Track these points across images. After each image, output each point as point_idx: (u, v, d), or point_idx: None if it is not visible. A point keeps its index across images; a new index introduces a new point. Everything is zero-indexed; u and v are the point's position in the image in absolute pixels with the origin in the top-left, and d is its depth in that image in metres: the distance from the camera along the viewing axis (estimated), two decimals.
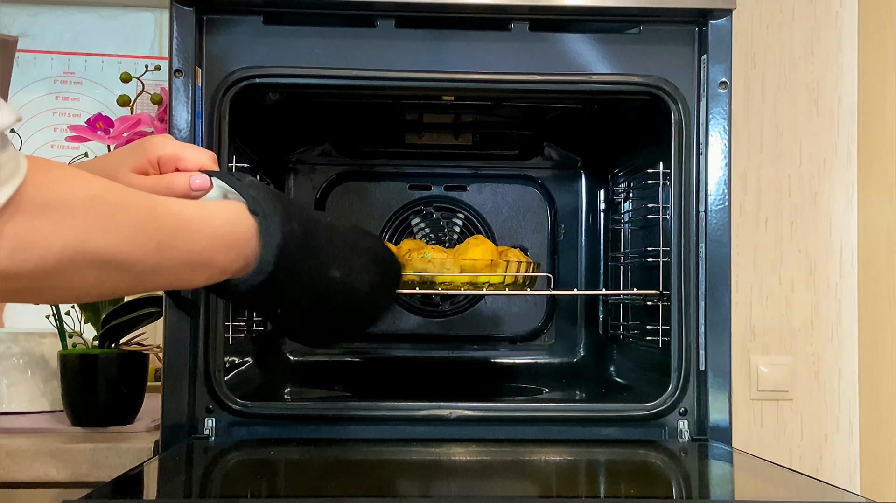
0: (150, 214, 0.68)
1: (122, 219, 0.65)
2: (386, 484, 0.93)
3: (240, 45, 1.08)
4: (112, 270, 0.65)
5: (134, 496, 0.84)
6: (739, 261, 1.58)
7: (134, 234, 0.66)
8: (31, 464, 1.13)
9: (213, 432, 1.07)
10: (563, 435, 1.11)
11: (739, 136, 1.59)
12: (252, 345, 1.36)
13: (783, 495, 0.90)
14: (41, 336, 1.40)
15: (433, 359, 1.51)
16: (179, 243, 0.70)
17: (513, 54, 1.11)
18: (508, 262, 1.31)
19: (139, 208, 0.67)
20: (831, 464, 1.59)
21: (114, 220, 0.64)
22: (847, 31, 1.61)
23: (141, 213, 0.67)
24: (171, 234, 0.69)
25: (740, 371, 1.58)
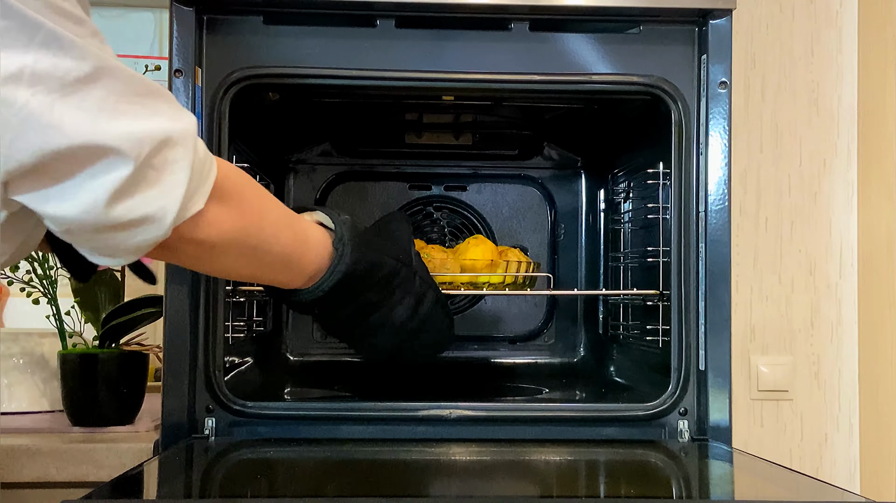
0: (289, 225, 0.88)
1: (272, 220, 0.85)
2: (386, 484, 0.93)
3: (240, 45, 1.08)
4: (252, 258, 0.84)
5: (134, 496, 0.84)
6: (739, 261, 1.58)
7: (276, 236, 0.85)
8: (31, 464, 1.13)
9: (213, 432, 1.07)
10: (563, 435, 1.11)
11: (739, 136, 1.59)
12: (252, 345, 1.36)
13: (783, 495, 0.90)
14: (41, 336, 1.40)
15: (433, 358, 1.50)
16: (300, 253, 0.90)
17: (513, 54, 1.11)
18: (508, 262, 1.30)
19: (282, 216, 0.87)
20: (831, 464, 1.59)
21: (267, 219, 0.84)
22: (847, 31, 1.61)
23: (283, 221, 0.87)
24: (298, 243, 0.89)
25: (740, 371, 1.58)
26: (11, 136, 0.64)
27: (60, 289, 1.33)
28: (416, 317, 1.01)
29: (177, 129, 0.71)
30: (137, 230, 0.70)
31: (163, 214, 0.70)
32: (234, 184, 0.79)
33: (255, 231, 0.82)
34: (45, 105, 0.64)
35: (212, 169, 0.75)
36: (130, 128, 0.67)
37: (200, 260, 0.81)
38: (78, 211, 0.67)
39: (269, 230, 0.85)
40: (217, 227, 0.77)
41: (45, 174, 0.66)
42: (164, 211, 0.70)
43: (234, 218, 0.79)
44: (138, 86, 0.70)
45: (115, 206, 0.68)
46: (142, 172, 0.68)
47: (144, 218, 0.70)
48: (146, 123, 0.68)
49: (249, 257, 0.84)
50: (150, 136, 0.68)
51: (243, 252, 0.82)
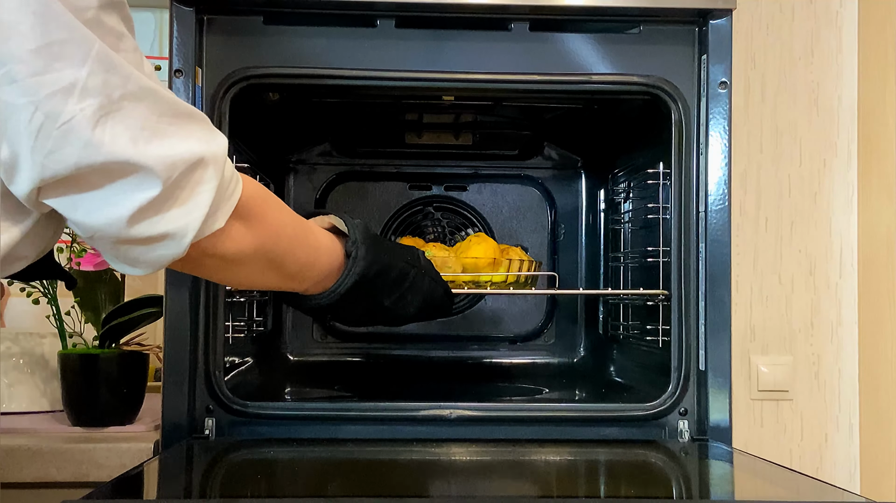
0: (305, 237, 0.93)
1: (290, 234, 0.89)
2: (386, 484, 0.93)
3: (240, 45, 1.08)
4: (272, 269, 0.89)
5: (134, 496, 0.84)
6: (739, 262, 1.58)
7: (293, 248, 0.90)
8: (31, 464, 1.13)
9: (213, 432, 1.06)
10: (563, 435, 1.11)
11: (739, 136, 1.59)
12: (252, 345, 1.36)
13: (783, 495, 0.90)
14: (41, 336, 1.40)
15: (433, 358, 1.51)
16: (316, 262, 0.95)
17: (513, 54, 1.11)
18: (511, 261, 1.29)
19: (300, 229, 0.92)
20: (831, 464, 1.59)
21: (286, 234, 0.88)
22: (847, 31, 1.61)
23: (301, 234, 0.92)
24: (314, 253, 0.94)
25: (740, 371, 1.58)
26: (51, 146, 0.65)
27: (60, 289, 1.33)
28: (423, 309, 1.08)
29: (209, 151, 0.73)
30: (157, 246, 0.73)
31: (183, 233, 0.73)
32: (257, 202, 0.83)
33: (272, 247, 0.86)
34: (89, 121, 0.66)
35: (237, 188, 0.78)
36: (166, 150, 0.70)
37: (220, 272, 0.85)
38: (102, 222, 0.70)
39: (287, 245, 0.89)
40: (238, 244, 0.81)
41: (78, 184, 0.68)
42: (184, 230, 0.73)
43: (254, 235, 0.83)
44: (176, 107, 0.72)
45: (138, 223, 0.70)
46: (169, 192, 0.70)
47: (164, 235, 0.72)
48: (181, 146, 0.71)
49: (267, 270, 0.88)
50: (183, 158, 0.71)
51: (262, 265, 0.87)
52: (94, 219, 0.69)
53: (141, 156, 0.68)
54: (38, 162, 0.66)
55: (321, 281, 0.97)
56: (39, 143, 0.65)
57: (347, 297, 0.98)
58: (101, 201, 0.69)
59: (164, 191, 0.70)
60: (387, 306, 1.04)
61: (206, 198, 0.73)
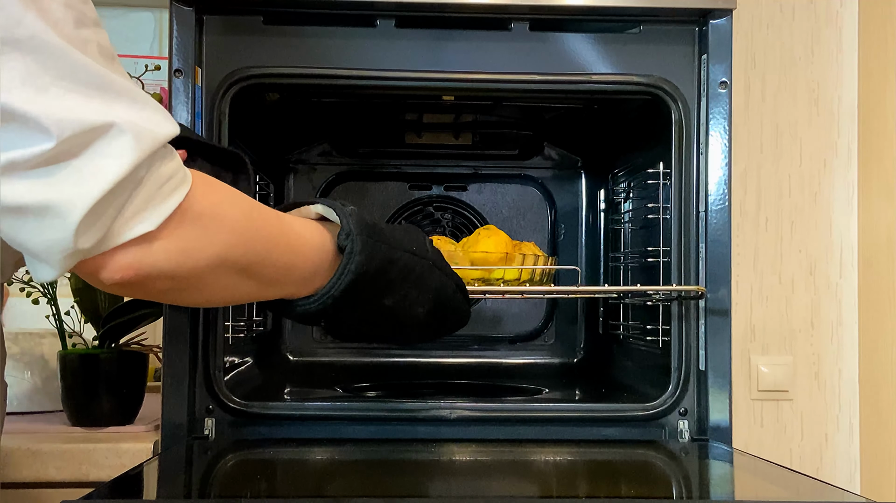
0: (282, 235, 0.78)
1: (263, 236, 0.75)
2: (386, 484, 0.93)
3: (240, 44, 1.08)
4: (245, 279, 0.74)
5: (134, 496, 0.84)
6: (739, 261, 1.58)
7: (269, 251, 0.75)
8: (31, 464, 1.13)
9: (213, 432, 1.06)
10: (563, 435, 1.11)
11: (739, 136, 1.59)
12: (252, 345, 1.36)
13: (783, 495, 0.90)
14: (41, 336, 1.40)
15: (433, 358, 1.51)
16: (299, 262, 0.80)
17: (513, 54, 1.10)
18: (525, 256, 1.19)
19: (274, 227, 0.77)
20: (831, 464, 1.59)
21: (256, 236, 0.74)
22: (847, 31, 1.61)
23: (275, 233, 0.77)
24: (294, 253, 0.79)
25: (740, 371, 1.58)
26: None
27: (60, 290, 1.33)
28: (435, 313, 0.91)
29: (129, 122, 0.61)
30: (35, 220, 0.59)
31: (69, 208, 0.59)
32: (212, 202, 0.69)
33: (241, 254, 0.72)
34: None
35: (179, 187, 0.66)
36: (57, 106, 0.58)
37: (185, 292, 0.72)
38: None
39: (259, 247, 0.74)
40: (194, 256, 0.68)
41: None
42: (71, 203, 0.59)
43: (213, 242, 0.69)
44: (93, 78, 0.61)
45: (9, 179, 0.58)
46: (57, 152, 0.58)
47: (44, 205, 0.59)
48: (82, 107, 0.59)
49: (239, 282, 0.74)
50: (82, 118, 0.59)
51: (230, 278, 0.73)
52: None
53: (17, 102, 0.57)
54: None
55: (308, 280, 0.82)
56: None
57: (343, 300, 0.82)
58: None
59: (52, 149, 0.58)
60: (389, 306, 0.87)
61: (110, 172, 0.59)
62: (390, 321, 0.89)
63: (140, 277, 0.65)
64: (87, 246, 0.61)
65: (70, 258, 0.62)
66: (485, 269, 1.14)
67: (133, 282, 0.65)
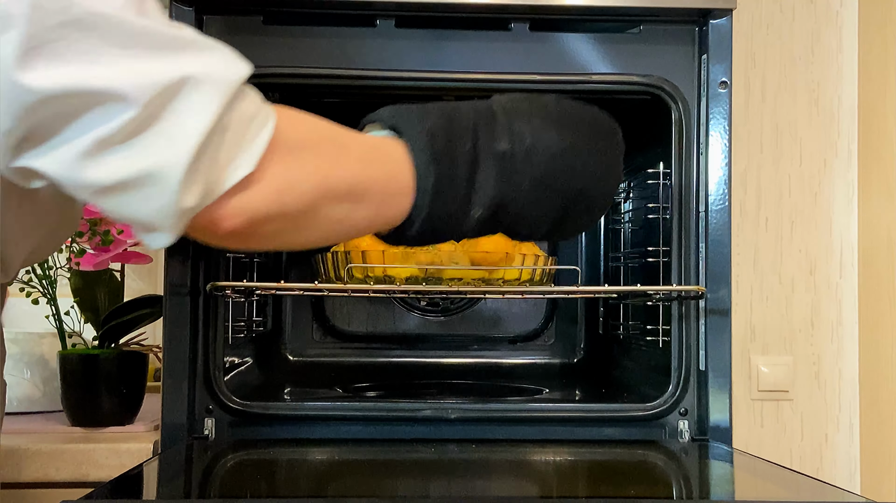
0: (373, 150, 0.74)
1: (354, 156, 0.71)
2: (386, 484, 0.93)
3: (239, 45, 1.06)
4: (352, 205, 0.70)
5: (134, 496, 0.84)
6: (739, 261, 1.58)
7: (365, 167, 0.71)
8: (31, 464, 1.13)
9: (213, 432, 1.06)
10: (563, 435, 1.11)
11: (739, 136, 1.59)
12: (252, 345, 1.36)
13: (783, 495, 0.90)
14: (41, 336, 1.40)
15: (433, 358, 1.51)
16: (395, 172, 0.74)
17: (513, 54, 1.10)
18: (525, 256, 1.17)
19: (362, 143, 0.74)
20: (831, 464, 1.59)
21: (349, 157, 0.71)
22: (847, 30, 1.61)
23: (365, 148, 0.73)
24: (386, 162, 0.74)
25: (740, 371, 1.58)
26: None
27: (60, 290, 1.33)
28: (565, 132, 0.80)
29: (202, 72, 0.60)
30: (139, 193, 0.59)
31: (168, 171, 0.59)
32: (299, 132, 0.68)
33: (339, 174, 0.69)
34: (13, 57, 0.55)
35: (266, 123, 0.64)
36: (132, 70, 0.58)
37: (298, 232, 0.69)
38: (57, 166, 0.58)
39: (356, 166, 0.71)
40: (297, 188, 0.66)
41: (34, 136, 0.59)
42: (169, 165, 0.59)
43: (310, 171, 0.67)
44: (155, 38, 0.60)
45: (100, 160, 0.58)
46: (141, 120, 0.58)
47: (144, 175, 0.59)
48: (154, 66, 0.59)
49: (349, 208, 0.71)
50: (156, 79, 0.58)
51: (338, 204, 0.70)
52: (49, 164, 0.58)
53: (92, 80, 0.57)
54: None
55: (404, 191, 0.74)
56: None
57: (436, 203, 0.75)
58: (59, 142, 0.58)
59: (136, 116, 0.57)
60: (516, 152, 0.77)
61: (197, 124, 0.59)
62: (497, 222, 0.80)
63: (250, 222, 0.64)
64: (193, 203, 0.61)
65: (181, 219, 0.62)
66: (485, 269, 1.14)
67: (245, 229, 0.64)
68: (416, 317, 1.51)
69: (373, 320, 1.49)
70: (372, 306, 1.48)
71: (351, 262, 1.12)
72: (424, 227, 0.76)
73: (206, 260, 1.08)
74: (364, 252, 1.13)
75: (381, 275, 1.12)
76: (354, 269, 1.12)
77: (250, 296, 1.30)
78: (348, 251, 1.14)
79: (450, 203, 0.76)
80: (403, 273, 1.12)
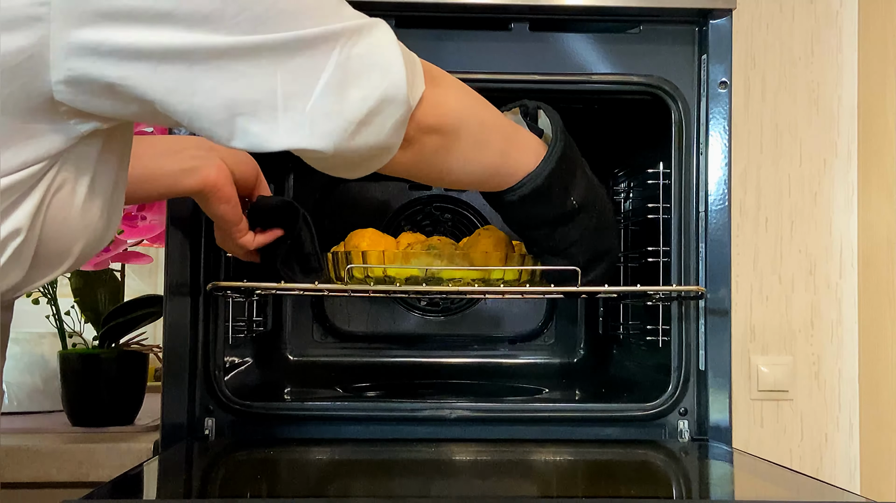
0: (497, 113, 0.88)
1: (485, 104, 0.85)
2: (386, 484, 0.93)
3: None
4: (483, 139, 0.85)
5: (134, 496, 0.84)
6: (739, 261, 1.58)
7: (495, 115, 0.87)
8: (31, 464, 1.13)
9: (213, 432, 1.06)
10: (563, 435, 1.11)
11: (739, 136, 1.59)
12: (252, 345, 1.36)
13: (783, 495, 0.90)
14: (41, 336, 1.40)
15: (433, 358, 1.50)
16: (518, 136, 0.91)
17: (513, 54, 1.10)
18: (525, 256, 1.16)
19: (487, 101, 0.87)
20: (831, 464, 1.59)
21: (480, 99, 0.85)
22: (847, 30, 1.61)
23: (491, 107, 0.87)
24: (519, 128, 0.92)
25: (740, 371, 1.58)
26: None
27: (60, 289, 1.33)
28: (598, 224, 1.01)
29: (365, 20, 0.72)
30: (381, 117, 0.71)
31: (395, 89, 0.71)
32: (433, 66, 0.80)
33: (473, 108, 0.83)
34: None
35: (412, 52, 0.75)
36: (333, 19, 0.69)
37: (441, 151, 0.81)
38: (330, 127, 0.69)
39: (489, 110, 0.85)
40: (445, 108, 0.79)
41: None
42: (395, 84, 0.71)
43: (454, 97, 0.81)
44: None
45: (349, 97, 0.69)
46: (345, 64, 0.68)
47: (382, 100, 0.70)
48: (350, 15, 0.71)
49: (480, 139, 0.84)
50: (337, 28, 0.69)
51: (473, 135, 0.83)
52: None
53: (306, 33, 0.68)
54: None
55: (521, 157, 0.91)
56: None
57: (544, 187, 0.92)
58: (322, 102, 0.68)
59: (339, 65, 0.68)
60: (570, 209, 0.97)
61: (393, 48, 0.72)
62: (568, 228, 0.99)
63: (420, 135, 0.76)
64: (414, 102, 0.73)
65: (405, 122, 0.73)
66: (485, 269, 1.13)
67: (412, 141, 0.75)
68: (416, 317, 1.51)
69: (373, 320, 1.49)
70: (372, 306, 1.48)
71: (351, 263, 1.12)
72: (532, 192, 0.92)
73: (206, 260, 1.08)
74: (364, 252, 1.13)
75: (381, 275, 1.12)
76: (355, 270, 1.12)
77: (250, 296, 1.30)
78: (348, 251, 1.14)
79: (562, 177, 0.94)
80: (403, 273, 1.12)
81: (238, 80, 0.66)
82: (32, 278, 0.70)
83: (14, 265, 0.67)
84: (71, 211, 0.69)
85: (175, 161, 0.96)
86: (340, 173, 0.77)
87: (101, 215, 0.72)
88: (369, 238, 1.15)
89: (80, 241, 0.71)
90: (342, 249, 1.16)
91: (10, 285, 0.69)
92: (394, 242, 1.18)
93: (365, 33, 0.70)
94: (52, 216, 0.68)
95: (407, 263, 1.12)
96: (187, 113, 0.66)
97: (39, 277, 0.71)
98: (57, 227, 0.69)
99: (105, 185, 0.72)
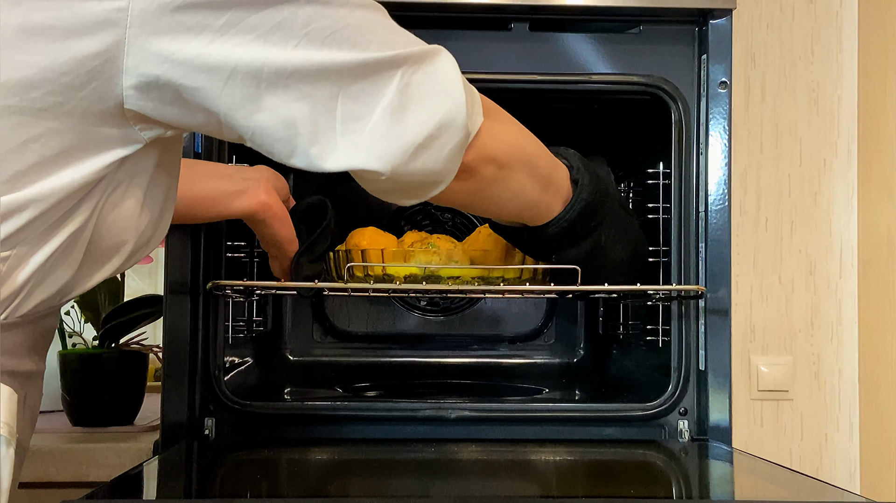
0: (543, 147, 0.89)
1: (533, 140, 0.86)
2: (386, 484, 0.93)
3: None
4: (532, 173, 0.86)
5: (134, 496, 0.84)
6: (739, 261, 1.58)
7: (542, 150, 0.87)
8: (31, 464, 1.13)
9: (213, 432, 1.07)
10: (563, 435, 1.11)
11: (739, 136, 1.59)
12: (252, 345, 1.36)
13: (783, 495, 0.90)
14: None
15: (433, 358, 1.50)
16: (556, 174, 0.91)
17: (513, 54, 1.11)
18: (525, 255, 1.14)
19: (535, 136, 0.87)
20: (831, 464, 1.59)
21: (531, 138, 0.85)
22: (847, 30, 1.61)
23: (537, 139, 0.87)
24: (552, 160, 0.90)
25: (740, 371, 1.58)
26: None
27: None
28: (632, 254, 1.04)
29: (429, 47, 0.74)
30: (440, 141, 0.71)
31: (454, 113, 0.71)
32: (488, 100, 0.80)
33: (524, 143, 0.84)
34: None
35: (472, 85, 0.76)
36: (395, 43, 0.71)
37: (496, 182, 0.81)
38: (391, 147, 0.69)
39: (536, 147, 0.86)
40: (501, 141, 0.79)
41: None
42: (454, 109, 0.71)
43: (510, 130, 0.82)
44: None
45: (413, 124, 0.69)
46: (406, 89, 0.69)
47: (440, 125, 0.70)
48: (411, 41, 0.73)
49: (527, 176, 0.85)
50: (403, 52, 0.70)
51: (523, 169, 0.84)
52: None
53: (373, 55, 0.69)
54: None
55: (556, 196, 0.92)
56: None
57: (574, 226, 0.93)
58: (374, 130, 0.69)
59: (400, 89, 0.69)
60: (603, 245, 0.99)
61: (454, 76, 0.72)
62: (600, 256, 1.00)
63: (481, 159, 0.77)
64: (473, 129, 0.74)
65: (462, 149, 0.73)
66: (485, 268, 1.13)
67: (470, 170, 0.76)
68: (416, 316, 1.51)
69: (373, 320, 1.49)
70: (372, 306, 1.48)
71: (351, 261, 1.12)
72: (567, 226, 0.93)
73: (206, 259, 1.08)
74: (364, 251, 1.13)
75: (380, 273, 1.12)
76: (354, 268, 1.12)
77: (250, 296, 1.30)
78: (348, 250, 1.14)
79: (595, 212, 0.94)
80: (403, 272, 1.12)
81: (301, 101, 0.66)
82: (79, 279, 0.71)
83: (64, 262, 0.68)
84: (122, 213, 0.70)
85: (226, 184, 0.98)
86: (394, 198, 0.77)
87: (150, 221, 0.73)
88: (369, 237, 1.15)
89: (128, 244, 0.72)
90: (342, 248, 1.16)
91: (60, 285, 0.69)
92: (394, 240, 1.18)
93: (427, 61, 0.71)
94: (104, 217, 0.69)
95: (406, 261, 1.12)
96: (250, 128, 0.67)
97: (87, 278, 0.72)
98: (108, 229, 0.70)
99: (156, 194, 0.73)
